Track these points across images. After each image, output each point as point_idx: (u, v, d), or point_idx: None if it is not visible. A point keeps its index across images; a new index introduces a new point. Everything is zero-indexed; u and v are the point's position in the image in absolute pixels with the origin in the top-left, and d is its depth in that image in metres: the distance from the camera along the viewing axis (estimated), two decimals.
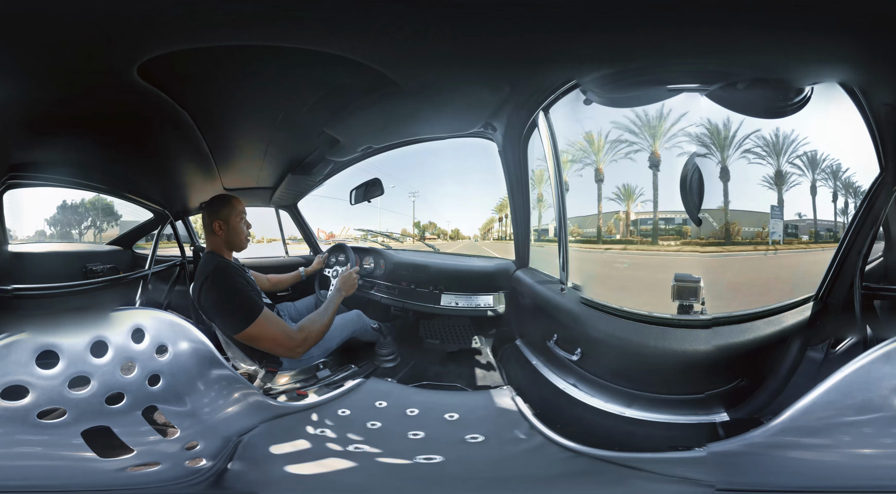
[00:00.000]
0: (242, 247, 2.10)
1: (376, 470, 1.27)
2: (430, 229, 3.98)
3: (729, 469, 1.11)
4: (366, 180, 2.85)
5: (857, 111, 1.51)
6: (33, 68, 1.32)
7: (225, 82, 1.65)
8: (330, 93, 1.81)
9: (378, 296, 2.86)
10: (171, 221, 2.84)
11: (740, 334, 1.55)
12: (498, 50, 1.39)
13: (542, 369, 2.00)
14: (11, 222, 2.05)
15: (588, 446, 1.31)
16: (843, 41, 1.29)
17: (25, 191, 2.10)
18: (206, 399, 1.43)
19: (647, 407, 1.58)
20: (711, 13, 1.20)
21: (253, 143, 2.37)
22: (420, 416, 1.59)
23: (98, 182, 2.35)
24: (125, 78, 1.38)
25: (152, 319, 1.41)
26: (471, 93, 1.89)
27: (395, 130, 2.45)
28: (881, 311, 1.68)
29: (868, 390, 1.05)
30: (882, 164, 1.56)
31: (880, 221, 1.60)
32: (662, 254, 1.72)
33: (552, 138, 1.95)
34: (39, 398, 1.18)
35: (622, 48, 1.40)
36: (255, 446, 1.34)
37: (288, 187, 3.07)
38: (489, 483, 1.25)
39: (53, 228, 2.51)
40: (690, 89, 1.56)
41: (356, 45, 1.37)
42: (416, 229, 3.93)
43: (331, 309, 2.03)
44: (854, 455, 1.05)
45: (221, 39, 1.29)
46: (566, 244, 1.97)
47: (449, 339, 2.72)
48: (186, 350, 1.43)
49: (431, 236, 3.90)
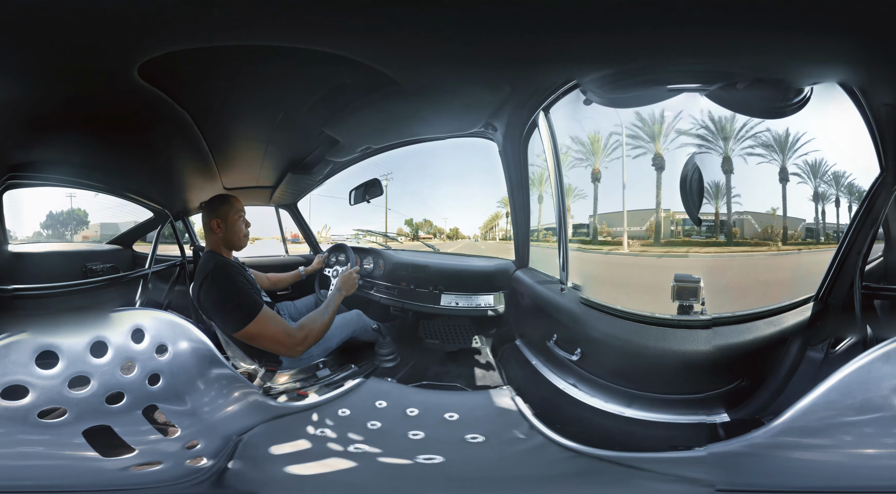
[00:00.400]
0: (241, 246, 2.10)
1: (376, 470, 1.27)
2: (425, 228, 3.90)
3: (729, 469, 1.11)
4: (365, 181, 2.85)
5: (857, 111, 1.51)
6: (33, 68, 1.32)
7: (225, 82, 1.65)
8: (330, 93, 1.81)
9: (378, 296, 2.86)
10: (171, 220, 2.84)
11: (740, 334, 1.55)
12: (498, 50, 1.39)
13: (542, 369, 2.00)
14: (11, 222, 2.05)
15: (588, 446, 1.31)
16: (843, 41, 1.29)
17: (25, 191, 2.10)
18: (206, 399, 1.43)
19: (647, 407, 1.59)
20: (711, 13, 1.20)
21: (253, 142, 2.37)
22: (420, 416, 1.58)
23: (98, 182, 2.35)
24: (125, 78, 1.38)
25: (152, 319, 1.41)
26: (471, 93, 1.89)
27: (395, 131, 2.44)
28: (881, 311, 1.68)
29: (868, 390, 1.05)
30: (882, 164, 1.56)
31: (880, 221, 1.60)
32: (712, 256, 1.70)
33: (552, 138, 1.95)
34: (39, 397, 1.18)
35: (622, 48, 1.40)
36: (254, 445, 1.34)
37: (288, 187, 3.07)
38: (489, 483, 1.25)
39: (47, 231, 2.51)
40: (690, 89, 1.56)
41: (356, 45, 1.37)
42: (408, 227, 3.85)
43: (331, 308, 2.03)
44: (854, 455, 1.05)
45: (221, 39, 1.29)
46: (566, 244, 1.97)
47: (449, 339, 2.72)
48: (186, 350, 1.43)
49: (426, 236, 3.84)
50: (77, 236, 2.74)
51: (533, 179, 2.33)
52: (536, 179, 2.31)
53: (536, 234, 2.44)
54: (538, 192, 2.33)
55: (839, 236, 1.65)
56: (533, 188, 2.36)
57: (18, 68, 1.30)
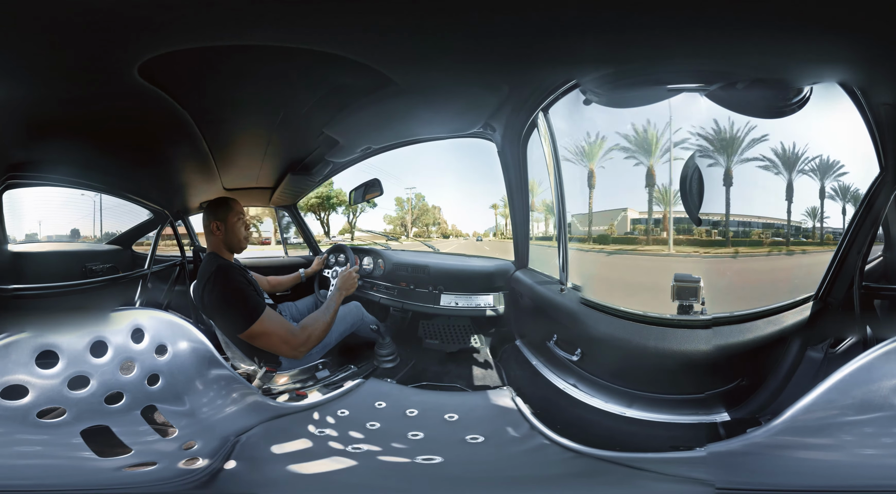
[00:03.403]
0: (241, 248, 2.11)
1: (375, 471, 1.27)
2: (421, 222, 3.86)
3: (729, 469, 1.11)
4: (365, 181, 2.86)
5: (857, 111, 1.51)
6: (34, 68, 1.32)
7: (225, 82, 1.65)
8: (330, 93, 1.81)
9: (377, 296, 2.86)
10: (171, 220, 2.84)
11: (740, 334, 1.55)
12: (497, 50, 1.39)
13: (542, 369, 2.00)
14: (11, 222, 2.05)
15: (588, 446, 1.30)
16: (842, 41, 1.29)
17: (25, 191, 2.10)
18: (205, 399, 1.42)
19: (647, 407, 1.58)
20: (711, 13, 1.20)
21: (253, 143, 2.37)
22: (420, 416, 1.58)
23: (98, 182, 2.35)
24: (126, 78, 1.38)
25: (152, 319, 1.41)
26: (470, 93, 1.89)
27: (395, 131, 2.45)
28: (881, 310, 1.68)
29: (868, 389, 1.05)
30: (882, 164, 1.56)
31: (880, 220, 1.60)
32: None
33: (552, 139, 1.95)
34: (39, 397, 1.18)
35: (622, 48, 1.40)
36: (253, 446, 1.34)
37: (287, 187, 3.07)
38: (489, 484, 1.24)
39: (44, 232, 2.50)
40: (690, 89, 1.56)
41: (356, 45, 1.37)
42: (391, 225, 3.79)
43: (332, 308, 2.04)
44: (854, 454, 1.05)
45: (222, 39, 1.29)
46: (566, 244, 1.97)
47: (448, 339, 2.72)
48: (186, 350, 1.43)
49: (419, 231, 3.80)
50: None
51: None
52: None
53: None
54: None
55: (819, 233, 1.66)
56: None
57: (19, 68, 1.30)
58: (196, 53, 1.33)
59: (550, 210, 2.08)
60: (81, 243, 2.55)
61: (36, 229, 2.32)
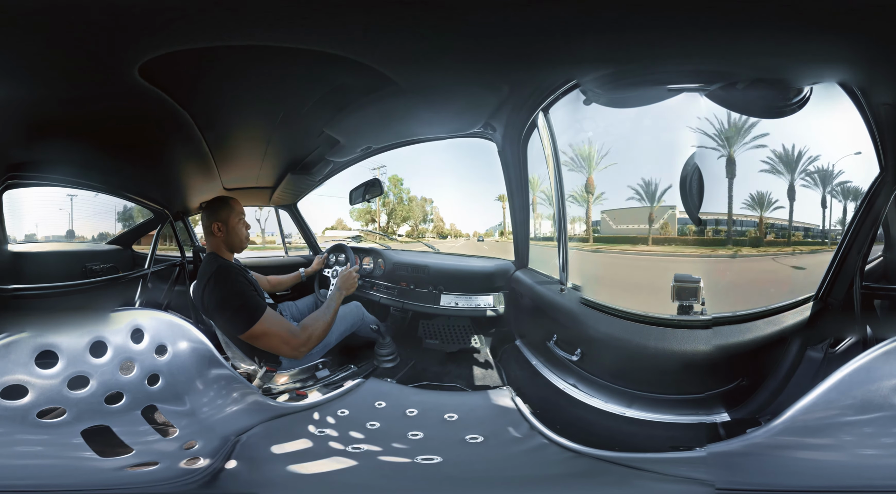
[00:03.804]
0: (241, 248, 2.11)
1: (375, 471, 1.27)
2: (398, 215, 3.76)
3: (729, 469, 1.11)
4: (365, 181, 2.86)
5: (857, 111, 1.51)
6: (34, 68, 1.31)
7: (225, 82, 1.65)
8: (330, 93, 1.81)
9: (377, 296, 2.86)
10: (171, 220, 2.84)
11: (740, 334, 1.55)
12: (497, 50, 1.39)
13: (542, 369, 2.00)
14: (11, 222, 2.05)
15: (588, 446, 1.30)
16: (842, 41, 1.29)
17: (25, 191, 2.10)
18: (206, 399, 1.42)
19: (647, 407, 1.59)
20: (711, 13, 1.20)
21: (253, 142, 2.37)
22: (419, 416, 1.58)
23: (98, 182, 2.35)
24: (126, 78, 1.38)
25: (151, 319, 1.41)
26: (470, 93, 1.89)
27: (395, 131, 2.45)
28: (881, 310, 1.68)
29: (868, 389, 1.05)
30: (882, 164, 1.56)
31: (880, 220, 1.60)
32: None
33: (552, 139, 1.95)
34: (39, 397, 1.18)
35: (622, 48, 1.40)
36: (253, 445, 1.34)
37: (287, 187, 3.07)
38: (489, 484, 1.24)
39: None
40: (690, 89, 1.56)
41: (356, 45, 1.37)
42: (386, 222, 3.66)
43: (332, 308, 2.04)
44: (854, 454, 1.05)
45: (222, 39, 1.29)
46: (566, 245, 1.97)
47: (448, 339, 2.72)
48: (186, 350, 1.43)
49: (410, 228, 3.75)
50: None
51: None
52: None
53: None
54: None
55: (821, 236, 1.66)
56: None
57: (19, 68, 1.30)
58: (196, 53, 1.33)
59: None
60: (81, 242, 2.55)
61: (35, 229, 2.33)
